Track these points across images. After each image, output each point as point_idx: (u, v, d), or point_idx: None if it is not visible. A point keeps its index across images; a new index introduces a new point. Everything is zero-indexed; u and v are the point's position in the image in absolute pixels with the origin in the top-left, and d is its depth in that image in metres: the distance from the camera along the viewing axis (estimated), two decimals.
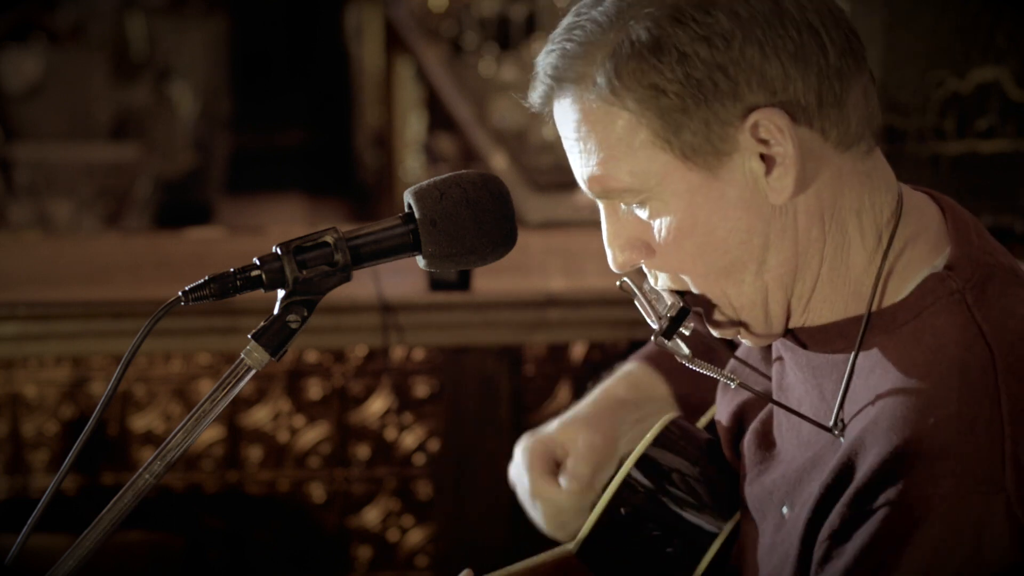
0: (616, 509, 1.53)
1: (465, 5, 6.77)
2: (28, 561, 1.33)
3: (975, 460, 1.23)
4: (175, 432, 1.31)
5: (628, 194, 1.35)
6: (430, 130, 6.79)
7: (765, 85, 1.29)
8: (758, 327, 1.39)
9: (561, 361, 3.08)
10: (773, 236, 1.33)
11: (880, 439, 1.26)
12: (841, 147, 1.33)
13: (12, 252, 3.70)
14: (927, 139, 3.40)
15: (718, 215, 1.32)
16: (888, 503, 1.23)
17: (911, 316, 1.32)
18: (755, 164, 1.31)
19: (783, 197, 1.32)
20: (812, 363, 1.40)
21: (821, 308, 1.37)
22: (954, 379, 1.26)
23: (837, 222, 1.34)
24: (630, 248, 1.38)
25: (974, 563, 1.20)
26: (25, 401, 3.04)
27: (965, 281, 1.32)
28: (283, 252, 1.32)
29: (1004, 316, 1.31)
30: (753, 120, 1.29)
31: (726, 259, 1.34)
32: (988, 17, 3.19)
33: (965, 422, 1.24)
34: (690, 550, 1.50)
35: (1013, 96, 3.14)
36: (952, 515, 1.21)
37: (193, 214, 8.23)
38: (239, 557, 3.08)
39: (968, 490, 1.22)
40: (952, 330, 1.29)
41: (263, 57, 11.84)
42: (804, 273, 1.35)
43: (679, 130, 1.30)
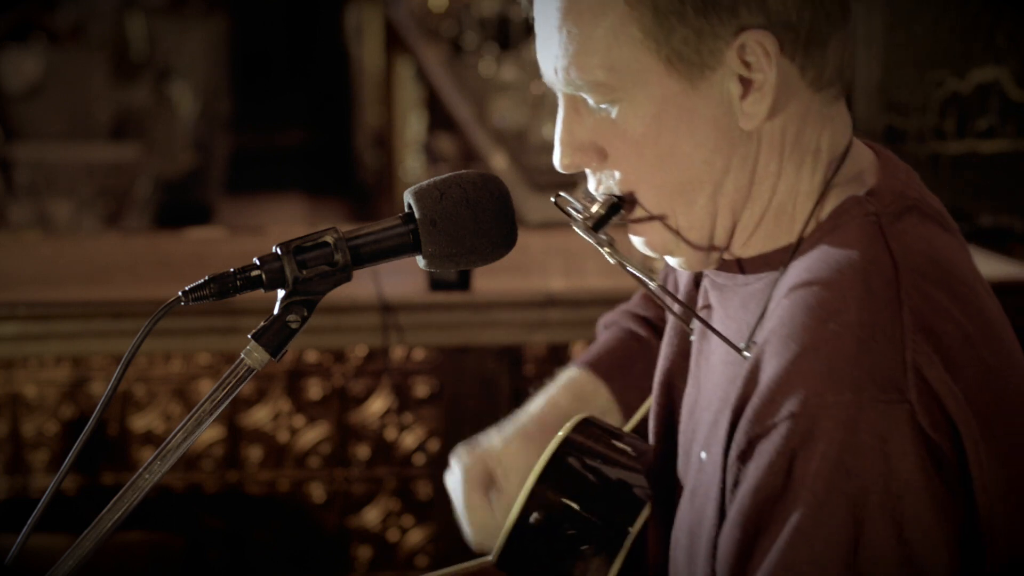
0: (529, 514, 1.53)
1: (465, 5, 6.78)
2: (28, 561, 1.33)
3: (877, 368, 1.20)
4: (175, 432, 1.31)
5: (600, 89, 1.32)
6: (430, 130, 6.79)
7: (763, 9, 1.28)
8: (696, 250, 1.36)
9: (561, 361, 3.07)
10: (735, 161, 1.32)
11: (779, 348, 1.25)
12: (814, 87, 1.33)
13: (12, 252, 3.71)
14: (927, 139, 3.40)
15: (686, 128, 1.31)
16: (789, 415, 1.21)
17: (825, 232, 1.32)
18: (733, 85, 1.30)
19: (753, 122, 1.31)
20: (737, 297, 1.39)
21: (761, 240, 1.36)
22: (857, 287, 1.25)
23: (795, 158, 1.34)
24: (583, 150, 1.35)
25: (881, 474, 1.18)
26: (25, 401, 3.04)
27: (884, 206, 1.32)
28: (283, 252, 1.32)
29: (916, 241, 1.30)
30: (743, 39, 1.28)
31: (684, 175, 1.32)
32: (988, 17, 3.19)
33: (866, 330, 1.22)
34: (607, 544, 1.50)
35: (1013, 96, 3.14)
36: (855, 424, 1.18)
37: (193, 214, 8.24)
38: (239, 557, 3.08)
39: (870, 398, 1.19)
40: (860, 244, 1.29)
41: (263, 57, 11.85)
42: (754, 203, 1.34)
43: (670, 34, 1.28)
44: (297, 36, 12.00)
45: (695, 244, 1.36)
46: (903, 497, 1.18)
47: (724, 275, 1.41)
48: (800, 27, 1.30)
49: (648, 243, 1.38)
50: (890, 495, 1.18)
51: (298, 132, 11.54)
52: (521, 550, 1.54)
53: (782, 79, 1.30)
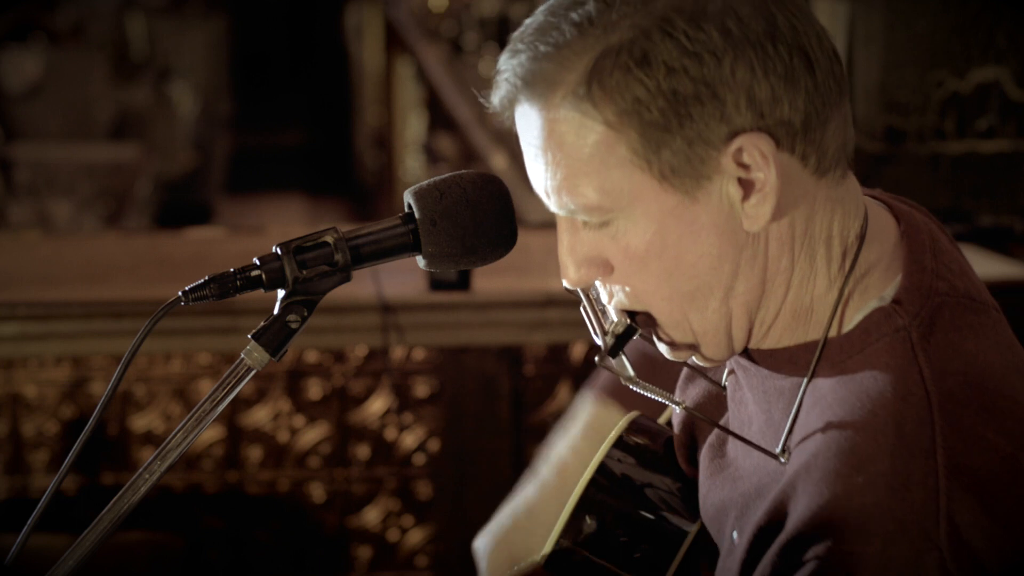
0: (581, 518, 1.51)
1: (465, 5, 6.77)
2: (28, 561, 1.33)
3: (908, 518, 1.18)
4: (175, 432, 1.31)
5: (594, 212, 1.27)
6: (430, 130, 6.79)
7: (753, 107, 1.22)
8: (715, 351, 1.33)
9: (561, 361, 3.08)
10: (743, 263, 1.27)
11: (811, 490, 1.22)
12: (818, 173, 1.28)
13: (12, 252, 3.70)
14: (927, 139, 3.40)
15: (690, 239, 1.26)
16: (816, 558, 1.19)
17: (855, 351, 1.28)
18: (733, 189, 1.25)
19: (759, 224, 1.25)
20: (762, 387, 1.36)
21: (779, 334, 1.33)
22: (889, 434, 1.21)
23: (807, 250, 1.29)
24: (588, 264, 1.32)
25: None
26: (25, 401, 3.04)
27: (912, 316, 1.27)
28: (283, 252, 1.32)
29: (948, 357, 1.26)
30: (738, 144, 1.23)
31: (693, 284, 1.28)
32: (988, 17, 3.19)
33: (899, 479, 1.20)
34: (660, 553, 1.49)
35: (1013, 96, 3.14)
36: (883, 572, 1.17)
37: (193, 214, 8.23)
38: (239, 557, 3.08)
39: (901, 546, 1.17)
40: (892, 376, 1.25)
41: (263, 57, 11.85)
42: (769, 300, 1.30)
43: (660, 149, 1.23)
44: (297, 36, 12.00)
45: (714, 347, 1.33)
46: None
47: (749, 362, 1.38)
48: (795, 117, 1.24)
49: (671, 352, 1.36)
50: None
51: (298, 132, 11.53)
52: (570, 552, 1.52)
53: (784, 175, 1.25)
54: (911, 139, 3.44)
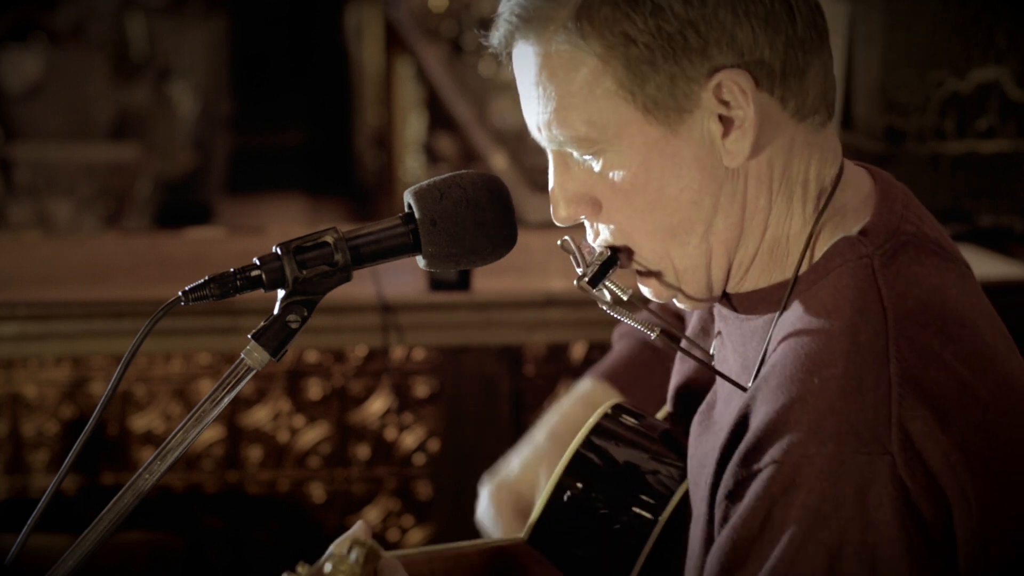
0: (562, 492, 1.54)
1: (465, 5, 6.77)
2: (28, 561, 1.33)
3: (860, 421, 1.22)
4: (175, 432, 1.31)
5: (583, 143, 1.33)
6: (430, 130, 6.79)
7: (734, 47, 1.29)
8: (696, 290, 1.38)
9: (561, 361, 3.08)
10: (723, 199, 1.33)
11: (768, 397, 1.26)
12: (797, 117, 1.33)
13: (12, 252, 3.70)
14: (927, 139, 3.40)
15: (672, 172, 1.31)
16: (772, 462, 1.22)
17: (818, 277, 1.32)
18: (713, 125, 1.30)
19: (737, 160, 1.31)
20: (739, 331, 1.40)
21: (757, 275, 1.37)
22: (844, 340, 1.26)
23: (784, 190, 1.34)
24: (576, 202, 1.37)
25: (858, 524, 1.19)
26: (25, 401, 3.04)
27: (876, 247, 1.32)
28: (283, 252, 1.32)
29: (909, 283, 1.30)
30: (718, 80, 1.29)
31: (675, 218, 1.33)
32: (988, 17, 3.19)
33: (851, 383, 1.23)
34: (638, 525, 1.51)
35: (1013, 96, 3.14)
36: (835, 475, 1.20)
37: (193, 214, 8.23)
38: (239, 557, 3.08)
39: (852, 450, 1.21)
40: (851, 292, 1.29)
41: (263, 57, 11.85)
42: (748, 239, 1.35)
43: (644, 82, 1.29)
44: (297, 36, 11.99)
45: (694, 285, 1.38)
46: (878, 547, 1.19)
47: (728, 308, 1.42)
48: (775, 60, 1.30)
49: (652, 291, 1.40)
50: (866, 545, 1.19)
51: (298, 132, 11.53)
52: (553, 528, 1.55)
53: (762, 114, 1.31)
54: (911, 139, 3.44)
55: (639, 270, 1.39)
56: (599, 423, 1.57)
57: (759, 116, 1.30)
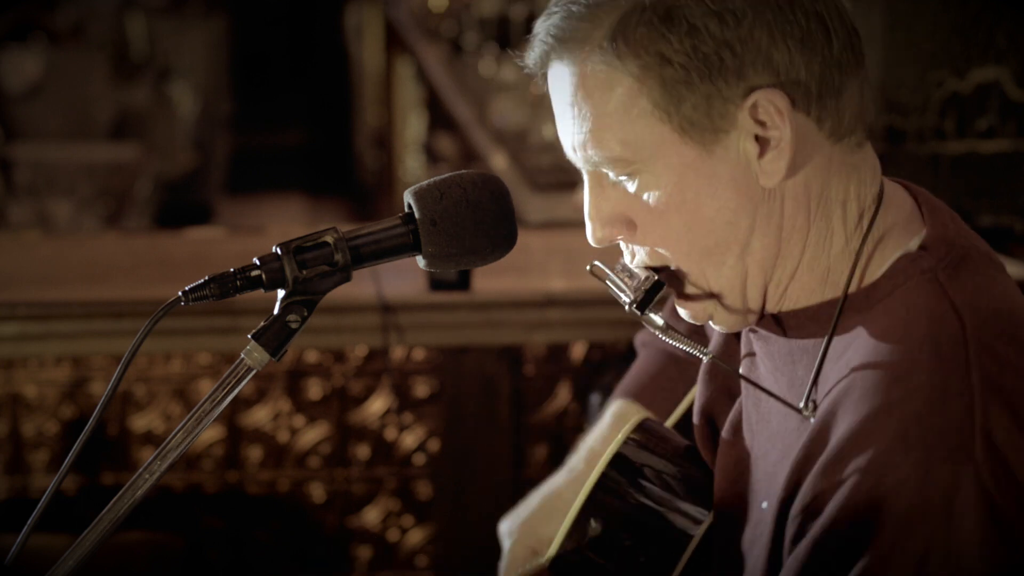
0: (586, 521, 1.52)
1: (465, 5, 6.77)
2: (28, 561, 1.33)
3: (946, 430, 1.21)
4: (175, 432, 1.31)
5: (619, 164, 1.33)
6: (430, 130, 6.79)
7: (770, 67, 1.29)
8: (733, 311, 1.38)
9: (561, 361, 3.08)
10: (759, 219, 1.33)
11: (850, 409, 1.26)
12: (834, 138, 1.33)
13: (12, 252, 3.70)
14: (927, 139, 3.40)
15: (708, 192, 1.31)
16: (857, 471, 1.22)
17: (884, 295, 1.32)
18: (749, 145, 1.30)
19: (774, 180, 1.31)
20: (783, 351, 1.40)
21: (797, 295, 1.37)
22: (925, 350, 1.25)
23: (823, 211, 1.34)
24: (611, 223, 1.37)
25: (943, 533, 1.19)
26: (25, 401, 3.04)
27: (938, 260, 1.32)
28: (283, 252, 1.32)
29: (977, 293, 1.30)
30: (753, 100, 1.29)
31: (711, 239, 1.33)
32: (988, 17, 3.19)
33: (936, 392, 1.23)
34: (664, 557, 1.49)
35: (1013, 96, 3.13)
36: (921, 484, 1.20)
37: (193, 214, 8.23)
38: (239, 557, 3.08)
39: (938, 459, 1.20)
40: (923, 304, 1.29)
41: (263, 57, 11.85)
42: (785, 259, 1.35)
43: (680, 102, 1.29)
44: (297, 36, 12.00)
45: (730, 306, 1.37)
46: (963, 557, 1.19)
47: (767, 330, 1.41)
48: (811, 81, 1.30)
49: (690, 314, 1.40)
50: (951, 555, 1.19)
51: (298, 132, 11.54)
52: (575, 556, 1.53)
53: (799, 134, 1.30)
54: (911, 139, 3.44)
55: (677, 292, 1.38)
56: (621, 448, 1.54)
57: (795, 136, 1.30)
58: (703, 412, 1.54)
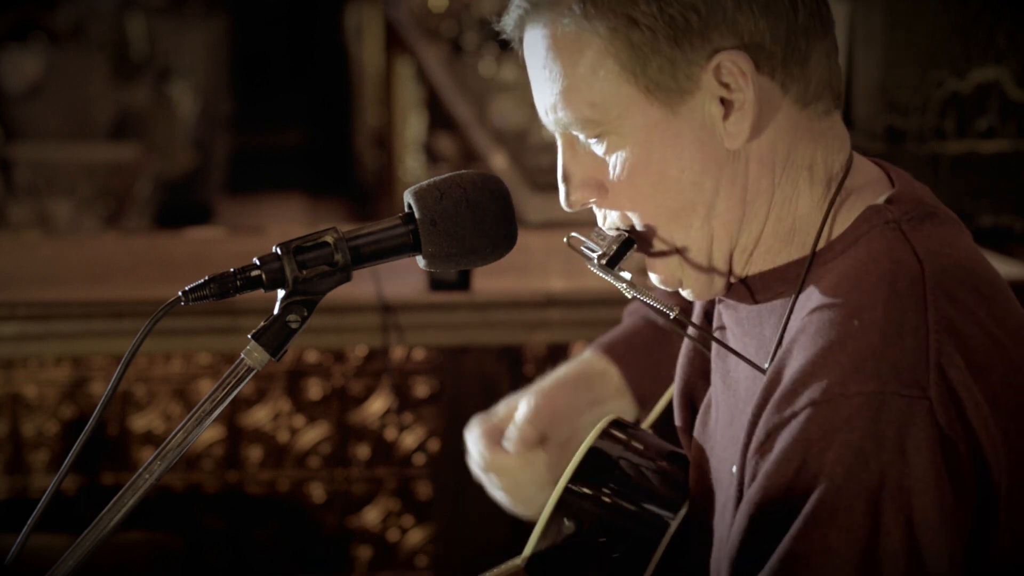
0: (559, 520, 1.52)
1: (465, 5, 6.77)
2: (28, 561, 1.33)
3: (900, 363, 1.22)
4: (175, 432, 1.31)
5: (587, 125, 1.35)
6: (430, 130, 6.79)
7: (735, 30, 1.31)
8: (700, 276, 1.39)
9: (561, 361, 3.08)
10: (724, 181, 1.34)
11: (806, 344, 1.26)
12: (799, 103, 1.34)
13: (12, 252, 3.71)
14: (927, 139, 3.40)
15: (673, 153, 1.33)
16: (811, 403, 1.22)
17: (848, 244, 1.33)
18: (714, 107, 1.32)
19: (738, 142, 1.33)
20: (751, 314, 1.40)
21: (764, 258, 1.38)
22: (883, 287, 1.27)
23: (788, 175, 1.35)
24: (584, 187, 1.39)
25: (897, 466, 1.19)
26: (25, 401, 3.04)
27: (904, 213, 1.33)
28: (283, 252, 1.32)
29: (940, 245, 1.31)
30: (717, 61, 1.31)
31: (677, 200, 1.35)
32: (988, 17, 3.19)
33: (892, 326, 1.24)
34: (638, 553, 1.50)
35: (1013, 96, 3.14)
36: (875, 415, 1.20)
37: (193, 214, 8.23)
38: (239, 557, 3.08)
39: (893, 391, 1.21)
40: (885, 248, 1.30)
41: (263, 57, 11.85)
42: (750, 223, 1.36)
43: (646, 64, 1.31)
44: (297, 36, 12.00)
45: (697, 270, 1.38)
46: (914, 492, 1.19)
47: (735, 297, 1.42)
48: (775, 45, 1.32)
49: (660, 278, 1.41)
50: (903, 489, 1.19)
51: (298, 132, 11.54)
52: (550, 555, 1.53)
53: (763, 97, 1.32)
54: (911, 139, 3.44)
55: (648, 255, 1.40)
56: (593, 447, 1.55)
57: (759, 99, 1.32)
58: (683, 396, 1.55)
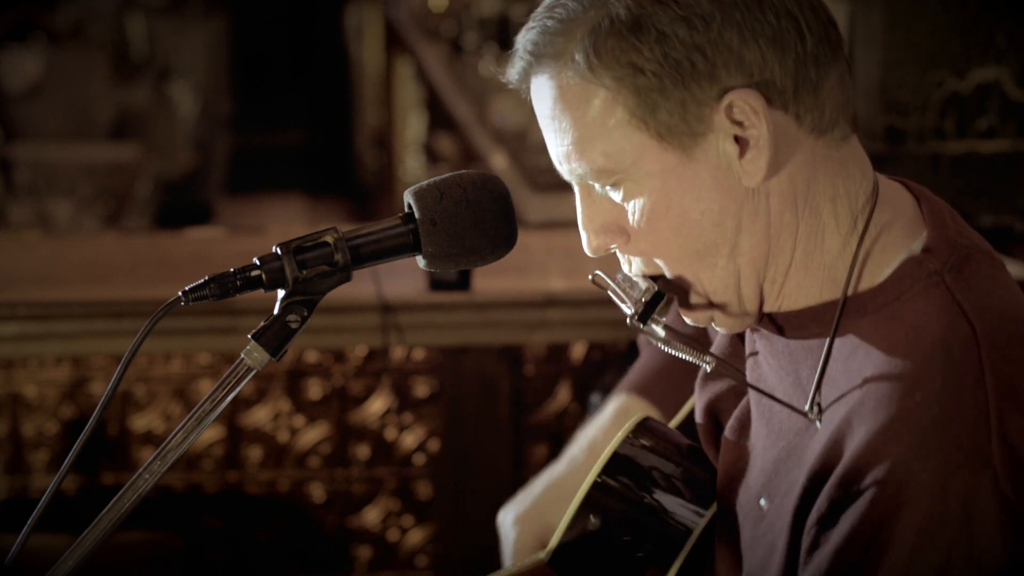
0: (585, 516, 1.52)
1: (465, 5, 6.77)
2: (28, 561, 1.33)
3: (963, 436, 1.21)
4: (175, 432, 1.31)
5: (602, 175, 1.34)
6: (430, 130, 6.79)
7: (742, 68, 1.29)
8: (731, 312, 1.38)
9: (561, 361, 3.08)
10: (746, 219, 1.33)
11: (866, 418, 1.25)
12: (815, 133, 1.33)
13: (12, 252, 3.70)
14: (927, 139, 3.40)
15: (691, 196, 1.32)
16: (875, 482, 1.22)
17: (890, 299, 1.32)
18: (729, 146, 1.31)
19: (756, 179, 1.31)
20: (787, 350, 1.39)
21: (795, 293, 1.37)
22: (938, 356, 1.25)
23: (811, 207, 1.34)
24: (605, 232, 1.37)
25: (963, 541, 1.19)
26: (25, 401, 3.04)
27: (943, 263, 1.32)
28: (283, 252, 1.32)
29: (984, 295, 1.30)
30: (728, 101, 1.29)
31: (700, 241, 1.34)
32: (988, 17, 3.19)
33: (951, 397, 1.23)
34: (662, 553, 1.49)
35: (1013, 96, 3.13)
36: (940, 492, 1.20)
37: (193, 214, 8.23)
38: (239, 557, 3.08)
39: (956, 466, 1.20)
40: (933, 310, 1.29)
41: (263, 57, 11.85)
42: (777, 257, 1.35)
43: (655, 110, 1.30)
44: (297, 36, 11.99)
45: (728, 307, 1.37)
46: (983, 564, 1.20)
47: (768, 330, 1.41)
48: (785, 79, 1.30)
49: (690, 316, 1.40)
50: (972, 561, 1.20)
51: (298, 132, 11.53)
52: (574, 553, 1.53)
53: (777, 131, 1.31)
54: (911, 139, 3.44)
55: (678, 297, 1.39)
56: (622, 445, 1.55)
57: (773, 134, 1.30)
58: (707, 410, 1.54)
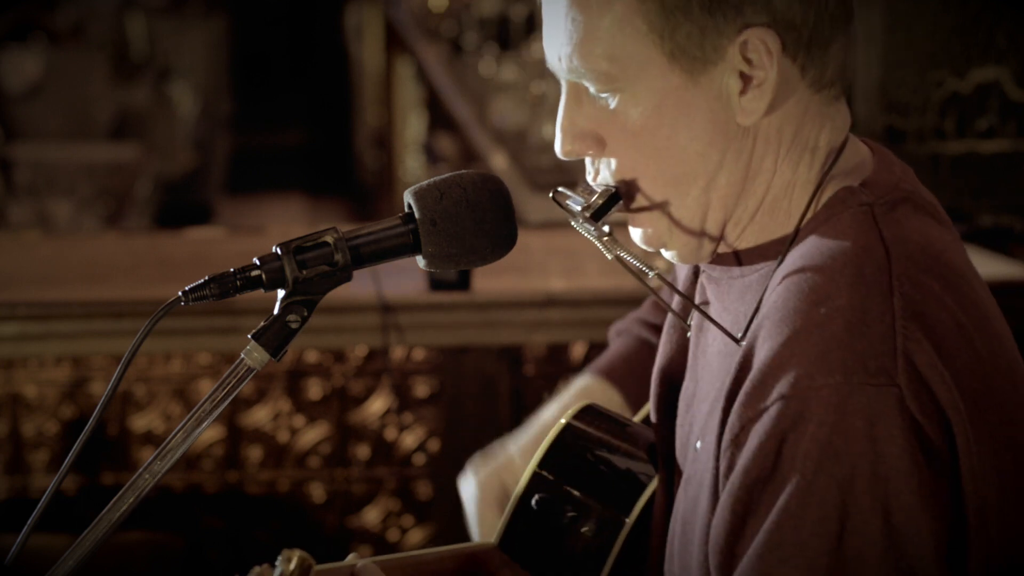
0: (530, 496, 1.56)
1: (465, 5, 6.77)
2: (28, 561, 1.33)
3: (866, 352, 1.22)
4: (175, 432, 1.31)
5: (602, 79, 1.33)
6: (430, 130, 6.79)
7: (768, 8, 1.30)
8: (686, 243, 1.38)
9: (561, 361, 3.08)
10: (730, 155, 1.34)
11: (772, 331, 1.26)
12: (814, 87, 1.34)
13: (12, 252, 3.71)
14: (927, 139, 3.40)
15: (684, 121, 1.32)
16: (780, 397, 1.22)
17: (820, 222, 1.33)
18: (733, 81, 1.32)
19: (751, 118, 1.32)
20: (734, 290, 1.40)
21: (755, 233, 1.38)
22: (848, 273, 1.26)
23: (792, 155, 1.35)
24: (582, 138, 1.37)
25: (869, 456, 1.19)
26: (25, 401, 3.04)
27: (876, 197, 1.33)
28: (283, 252, 1.32)
29: (908, 231, 1.31)
30: (746, 36, 1.30)
31: (680, 168, 1.34)
32: (988, 17, 3.19)
33: (856, 314, 1.24)
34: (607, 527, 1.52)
35: (1013, 96, 3.14)
36: (843, 407, 1.20)
37: (193, 214, 8.23)
38: (239, 557, 3.08)
39: (860, 381, 1.20)
40: (852, 232, 1.30)
41: (263, 57, 11.85)
42: (748, 199, 1.36)
43: (676, 29, 1.30)
44: (297, 36, 12.00)
45: (687, 236, 1.38)
46: (889, 481, 1.19)
47: (719, 268, 1.42)
48: (803, 28, 1.31)
49: (643, 236, 1.40)
50: (877, 478, 1.19)
51: (298, 132, 11.54)
52: (523, 532, 1.56)
53: (782, 78, 1.32)
54: (911, 139, 3.44)
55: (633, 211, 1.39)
56: (568, 425, 1.58)
57: (779, 79, 1.31)
58: (662, 373, 1.55)
